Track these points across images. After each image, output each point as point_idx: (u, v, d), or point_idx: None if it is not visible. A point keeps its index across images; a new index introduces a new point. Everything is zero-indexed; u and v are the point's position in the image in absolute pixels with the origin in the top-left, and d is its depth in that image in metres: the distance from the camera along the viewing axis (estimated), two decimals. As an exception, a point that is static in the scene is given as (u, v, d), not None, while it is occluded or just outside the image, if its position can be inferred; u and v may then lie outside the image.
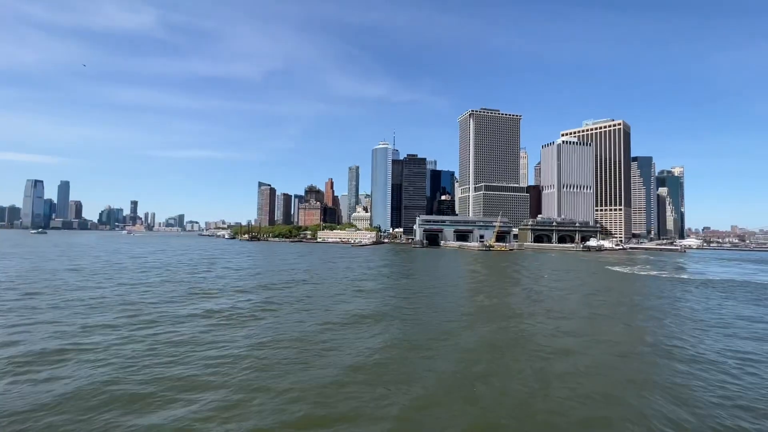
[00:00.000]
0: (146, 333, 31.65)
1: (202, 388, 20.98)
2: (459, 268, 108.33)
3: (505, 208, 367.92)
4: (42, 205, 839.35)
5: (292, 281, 67.88)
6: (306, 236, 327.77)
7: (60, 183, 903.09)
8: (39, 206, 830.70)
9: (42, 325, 33.41)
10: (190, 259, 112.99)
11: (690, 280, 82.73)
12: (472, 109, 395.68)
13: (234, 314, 39.83)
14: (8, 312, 37.83)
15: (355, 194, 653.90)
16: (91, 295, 47.73)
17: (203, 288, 57.16)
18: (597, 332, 36.10)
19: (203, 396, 20.06)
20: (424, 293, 58.22)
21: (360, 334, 33.59)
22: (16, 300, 43.95)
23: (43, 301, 43.71)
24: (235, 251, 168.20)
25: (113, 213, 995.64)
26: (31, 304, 41.46)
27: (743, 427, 17.98)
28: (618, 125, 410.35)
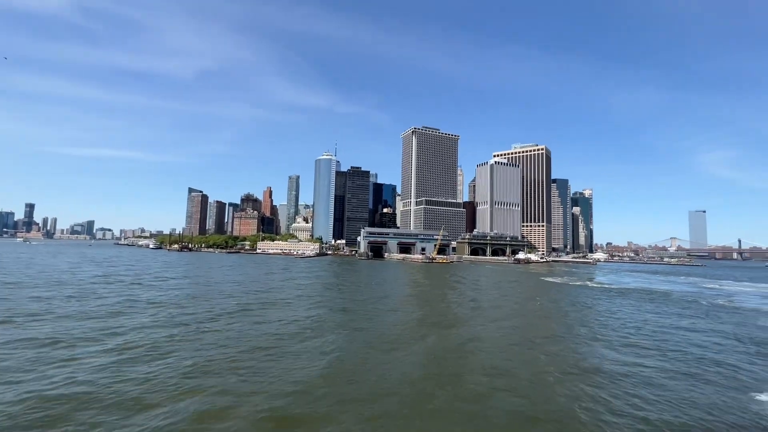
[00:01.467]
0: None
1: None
2: (409, 278, 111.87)
3: (444, 222, 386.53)
4: None
5: (233, 295, 65.03)
6: (244, 247, 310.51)
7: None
8: None
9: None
10: (131, 273, 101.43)
11: (610, 289, 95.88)
12: (414, 127, 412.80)
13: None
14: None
15: (295, 204, 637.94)
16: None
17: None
18: (560, 328, 40.89)
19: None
20: (380, 303, 59.85)
21: (314, 345, 34.09)
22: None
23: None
24: (170, 263, 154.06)
25: (1, 217, 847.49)
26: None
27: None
28: (541, 150, 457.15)
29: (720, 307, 67.28)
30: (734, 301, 76.41)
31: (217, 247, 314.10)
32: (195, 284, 79.88)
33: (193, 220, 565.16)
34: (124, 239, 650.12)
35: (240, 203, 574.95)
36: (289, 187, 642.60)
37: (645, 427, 20.13)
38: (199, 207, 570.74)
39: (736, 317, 56.81)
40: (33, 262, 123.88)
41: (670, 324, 49.31)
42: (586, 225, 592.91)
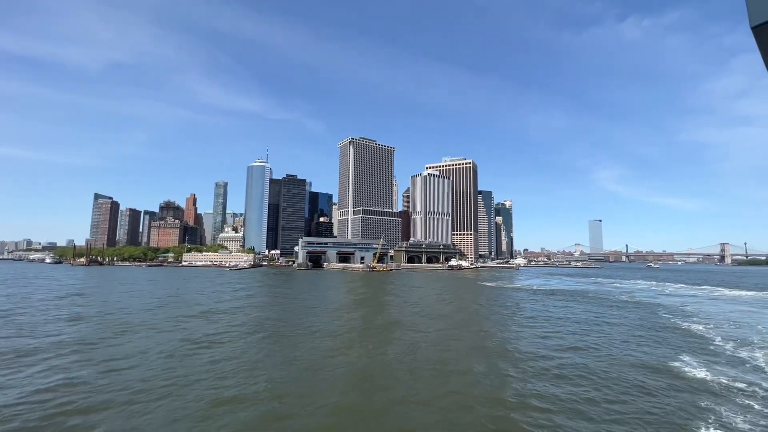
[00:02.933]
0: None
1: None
2: (355, 287, 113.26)
3: (381, 231, 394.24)
4: None
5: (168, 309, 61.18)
6: (167, 259, 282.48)
7: None
8: None
9: None
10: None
11: (540, 290, 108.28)
12: (352, 137, 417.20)
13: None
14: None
15: (222, 213, 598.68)
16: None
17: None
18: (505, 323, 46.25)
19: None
20: (328, 312, 61.10)
21: (263, 353, 35.01)
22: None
23: None
24: (84, 279, 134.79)
25: None
26: None
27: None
28: (469, 163, 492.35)
29: (625, 302, 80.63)
30: (635, 297, 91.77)
31: (134, 260, 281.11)
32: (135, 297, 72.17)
33: (100, 230, 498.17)
34: (8, 253, 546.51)
35: (159, 211, 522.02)
36: (215, 194, 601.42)
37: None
38: (108, 215, 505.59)
39: (641, 310, 68.88)
40: None
41: (595, 315, 58.45)
42: (507, 233, 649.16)
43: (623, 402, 24.01)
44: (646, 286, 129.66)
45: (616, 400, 24.24)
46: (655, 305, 74.59)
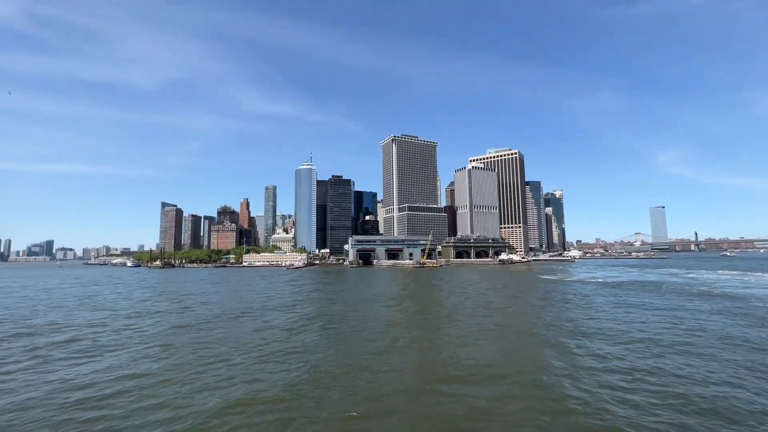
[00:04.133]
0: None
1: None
2: (409, 283, 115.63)
3: (427, 227, 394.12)
4: None
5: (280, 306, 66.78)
6: (229, 260, 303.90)
7: None
8: None
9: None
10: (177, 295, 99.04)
11: (606, 283, 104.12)
12: (394, 135, 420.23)
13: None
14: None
15: (273, 215, 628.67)
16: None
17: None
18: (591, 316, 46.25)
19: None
20: (415, 306, 63.60)
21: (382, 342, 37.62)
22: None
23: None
24: (177, 282, 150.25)
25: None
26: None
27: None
28: (514, 154, 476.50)
29: (707, 293, 75.73)
30: (718, 288, 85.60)
31: (200, 262, 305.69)
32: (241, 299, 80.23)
33: (167, 235, 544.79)
34: (94, 258, 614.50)
35: (217, 216, 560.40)
36: (266, 197, 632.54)
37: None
38: (174, 221, 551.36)
39: (728, 301, 64.69)
40: (57, 292, 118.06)
41: (680, 307, 56.15)
42: (558, 224, 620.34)
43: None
44: (729, 276, 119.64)
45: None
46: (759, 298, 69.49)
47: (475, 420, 20.83)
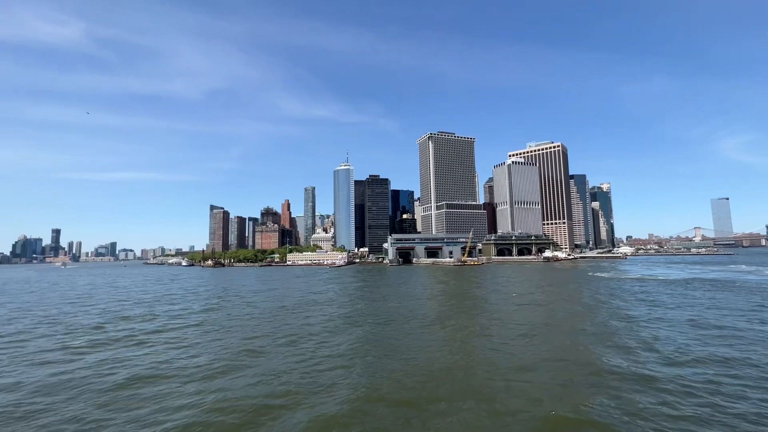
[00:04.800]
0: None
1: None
2: (451, 281, 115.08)
3: (466, 224, 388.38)
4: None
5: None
6: (274, 260, 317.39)
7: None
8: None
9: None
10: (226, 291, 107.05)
11: (669, 281, 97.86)
12: (430, 133, 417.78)
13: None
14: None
15: (312, 215, 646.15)
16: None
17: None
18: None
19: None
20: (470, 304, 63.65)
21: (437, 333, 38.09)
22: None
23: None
24: (240, 279, 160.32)
25: (30, 244, 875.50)
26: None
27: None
28: (557, 147, 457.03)
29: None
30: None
31: (247, 261, 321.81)
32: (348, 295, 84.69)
33: (216, 236, 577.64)
34: (153, 258, 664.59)
35: (260, 217, 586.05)
36: (305, 198, 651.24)
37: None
38: (221, 223, 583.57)
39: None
40: (133, 289, 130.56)
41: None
42: (606, 219, 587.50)
43: None
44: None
45: None
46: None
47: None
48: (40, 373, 29.94)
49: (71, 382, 27.50)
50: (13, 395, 25.22)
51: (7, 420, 21.58)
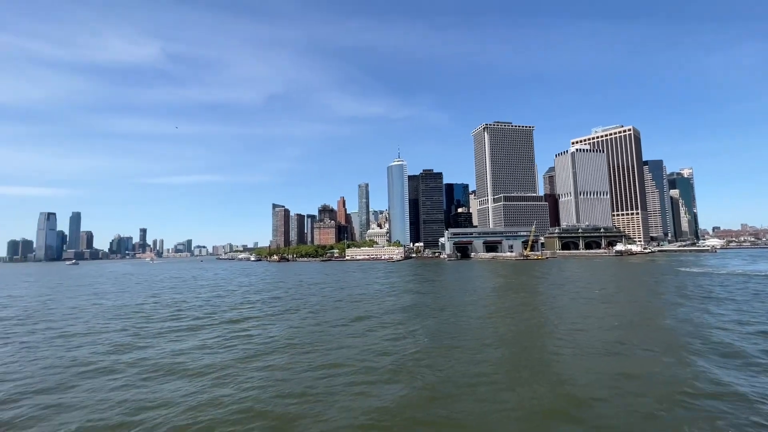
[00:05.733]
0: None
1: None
2: (516, 277, 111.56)
3: (525, 217, 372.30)
4: (54, 237, 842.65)
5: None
6: (334, 255, 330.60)
7: (72, 214, 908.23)
8: (52, 238, 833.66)
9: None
10: (315, 282, 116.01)
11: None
12: (485, 123, 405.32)
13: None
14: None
15: (366, 211, 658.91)
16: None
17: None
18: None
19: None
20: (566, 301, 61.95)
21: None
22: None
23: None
24: (307, 273, 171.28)
25: (123, 242, 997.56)
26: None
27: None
28: (628, 131, 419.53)
29: None
30: None
31: (309, 256, 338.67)
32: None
33: (278, 232, 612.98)
34: (224, 254, 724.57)
35: (318, 214, 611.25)
36: (359, 195, 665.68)
37: None
38: (283, 221, 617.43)
39: None
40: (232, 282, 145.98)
41: None
42: (688, 209, 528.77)
43: None
44: None
45: None
46: None
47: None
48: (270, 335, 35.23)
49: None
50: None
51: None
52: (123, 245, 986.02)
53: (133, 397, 23.15)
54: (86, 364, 30.51)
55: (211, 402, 22.12)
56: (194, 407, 21.46)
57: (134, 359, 31.46)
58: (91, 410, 21.48)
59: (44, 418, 20.75)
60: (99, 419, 20.39)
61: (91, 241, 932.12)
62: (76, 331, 44.39)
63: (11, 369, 29.77)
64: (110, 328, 45.15)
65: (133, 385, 25.29)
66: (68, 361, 31.52)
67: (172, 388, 24.62)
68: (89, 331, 43.73)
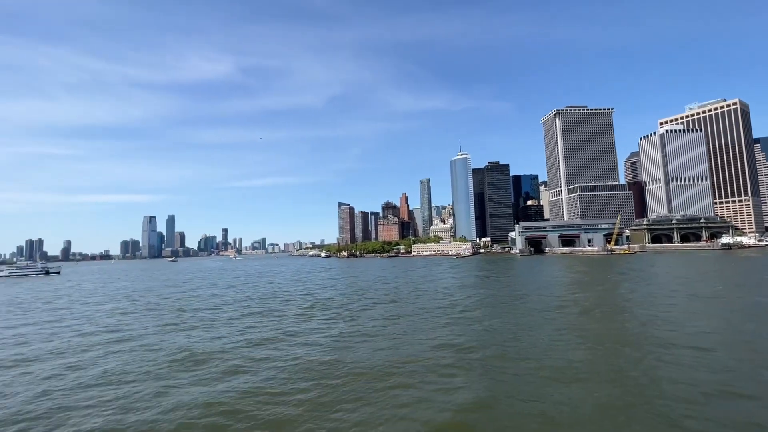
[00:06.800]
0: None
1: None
2: (625, 275, 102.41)
3: (605, 208, 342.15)
4: (155, 238, 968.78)
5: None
6: (400, 251, 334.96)
7: (167, 217, 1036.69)
8: (153, 238, 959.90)
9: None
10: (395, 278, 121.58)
11: None
12: (557, 109, 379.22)
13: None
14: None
15: (428, 206, 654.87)
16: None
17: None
18: None
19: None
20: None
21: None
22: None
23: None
24: (379, 268, 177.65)
25: (209, 240, 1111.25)
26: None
27: None
28: (732, 105, 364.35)
29: None
30: None
31: (376, 253, 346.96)
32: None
33: (344, 230, 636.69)
34: (296, 251, 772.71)
35: (381, 211, 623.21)
36: (421, 190, 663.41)
37: None
38: (348, 218, 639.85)
39: None
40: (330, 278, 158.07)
41: None
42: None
43: None
44: None
45: None
46: None
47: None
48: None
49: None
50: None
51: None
52: (209, 244, 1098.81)
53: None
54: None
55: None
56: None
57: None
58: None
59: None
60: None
61: (184, 241, 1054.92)
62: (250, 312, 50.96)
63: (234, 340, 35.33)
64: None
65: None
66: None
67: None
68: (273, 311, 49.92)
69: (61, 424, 20.17)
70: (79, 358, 32.99)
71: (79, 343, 39.11)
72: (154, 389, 24.64)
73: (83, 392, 24.77)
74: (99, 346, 37.29)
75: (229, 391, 23.91)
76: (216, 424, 19.60)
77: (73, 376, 28.01)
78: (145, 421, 20.03)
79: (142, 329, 45.06)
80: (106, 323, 50.39)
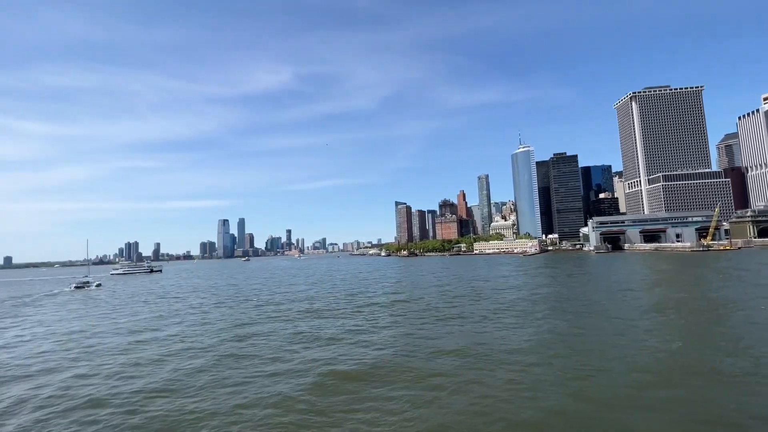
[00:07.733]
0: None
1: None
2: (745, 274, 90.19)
3: (694, 199, 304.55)
4: (229, 239, 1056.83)
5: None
6: (461, 249, 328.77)
7: (238, 220, 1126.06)
8: (227, 240, 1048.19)
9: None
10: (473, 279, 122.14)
11: None
12: (633, 92, 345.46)
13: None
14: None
15: (488, 203, 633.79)
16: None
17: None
18: None
19: None
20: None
21: None
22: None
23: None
24: (442, 266, 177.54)
25: (274, 241, 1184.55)
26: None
27: None
28: None
29: None
30: None
31: (436, 252, 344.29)
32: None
33: (401, 229, 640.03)
34: (355, 250, 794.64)
35: (438, 209, 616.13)
36: (479, 187, 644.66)
37: None
38: (405, 217, 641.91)
39: None
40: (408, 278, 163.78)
41: None
42: None
43: None
44: None
45: None
46: None
47: None
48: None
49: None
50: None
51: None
52: (274, 244, 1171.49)
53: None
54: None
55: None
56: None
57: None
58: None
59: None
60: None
61: (253, 241, 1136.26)
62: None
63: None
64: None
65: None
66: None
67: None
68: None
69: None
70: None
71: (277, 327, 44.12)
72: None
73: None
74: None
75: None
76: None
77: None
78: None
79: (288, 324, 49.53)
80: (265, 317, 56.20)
